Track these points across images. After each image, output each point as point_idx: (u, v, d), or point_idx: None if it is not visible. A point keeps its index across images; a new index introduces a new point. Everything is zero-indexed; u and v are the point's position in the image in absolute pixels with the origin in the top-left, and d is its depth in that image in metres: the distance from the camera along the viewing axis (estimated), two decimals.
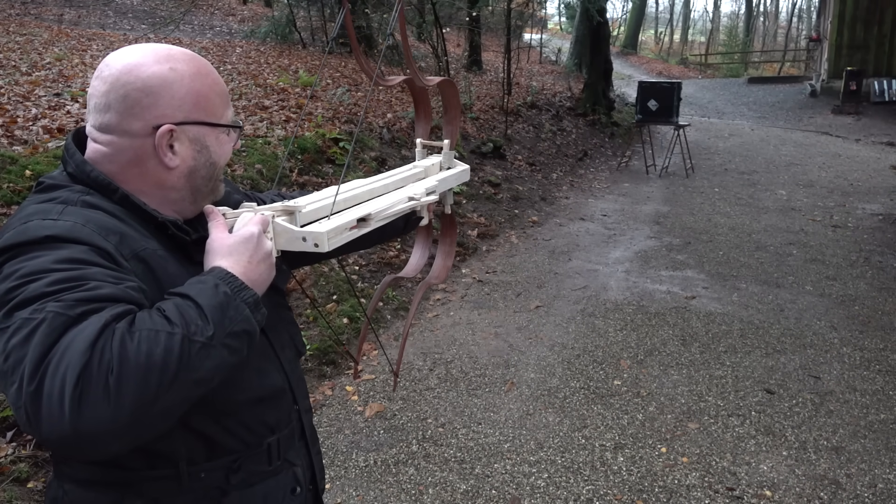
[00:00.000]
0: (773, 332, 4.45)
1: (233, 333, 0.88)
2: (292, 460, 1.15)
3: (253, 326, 0.91)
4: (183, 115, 1.00)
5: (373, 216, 1.12)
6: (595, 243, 6.55)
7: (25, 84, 5.98)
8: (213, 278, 0.91)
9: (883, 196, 8.67)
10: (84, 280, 0.84)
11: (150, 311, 0.85)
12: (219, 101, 1.06)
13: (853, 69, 16.03)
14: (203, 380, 0.85)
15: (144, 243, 0.96)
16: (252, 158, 5.38)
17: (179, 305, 0.86)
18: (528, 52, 20.96)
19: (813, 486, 2.90)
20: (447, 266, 1.53)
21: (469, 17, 12.77)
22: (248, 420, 1.05)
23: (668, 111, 10.05)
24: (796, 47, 35.10)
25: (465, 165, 1.46)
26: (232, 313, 0.89)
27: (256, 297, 0.94)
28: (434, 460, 3.07)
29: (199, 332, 0.84)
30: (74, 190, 0.99)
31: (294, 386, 1.16)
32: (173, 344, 0.81)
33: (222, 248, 0.97)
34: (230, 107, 1.09)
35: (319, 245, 1.01)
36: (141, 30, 12.56)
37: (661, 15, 50.09)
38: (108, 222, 0.94)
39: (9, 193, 3.64)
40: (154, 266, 0.95)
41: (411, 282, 5.17)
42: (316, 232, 1.02)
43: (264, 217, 1.02)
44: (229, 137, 1.09)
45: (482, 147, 8.90)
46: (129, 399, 0.77)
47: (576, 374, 3.88)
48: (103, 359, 0.77)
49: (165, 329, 0.82)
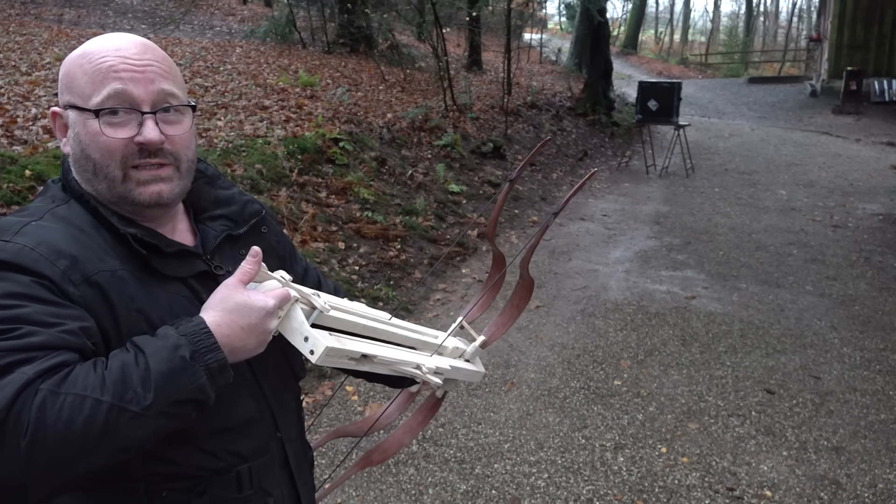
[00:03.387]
0: (774, 332, 4.45)
1: (177, 402, 0.83)
2: (269, 489, 1.08)
3: (205, 395, 0.86)
4: (63, 98, 0.97)
5: (376, 359, 1.05)
6: (595, 243, 6.55)
7: (25, 84, 5.98)
8: (178, 336, 0.85)
9: (883, 196, 8.67)
10: (17, 324, 0.80)
11: (89, 367, 0.81)
12: (86, 82, 0.94)
13: (853, 69, 16.02)
14: (131, 447, 0.81)
15: (101, 264, 0.91)
16: (252, 158, 5.38)
17: (125, 365, 0.81)
18: (528, 52, 20.95)
19: (813, 487, 2.89)
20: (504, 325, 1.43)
21: (469, 17, 12.76)
22: (212, 448, 1.00)
23: (669, 111, 10.04)
24: (796, 47, 35.11)
25: (483, 370, 1.37)
26: (183, 381, 0.83)
27: (223, 363, 0.87)
28: (434, 460, 3.07)
29: (134, 401, 0.79)
30: (56, 198, 0.98)
31: (276, 413, 1.09)
32: (98, 413, 0.77)
33: (226, 301, 0.90)
34: (107, 89, 0.94)
35: (314, 353, 0.93)
36: (141, 30, 12.56)
37: (661, 15, 50.11)
38: (62, 243, 0.89)
39: (9, 193, 3.64)
40: (108, 290, 0.90)
41: (411, 281, 5.17)
42: (319, 340, 0.94)
43: (287, 294, 0.94)
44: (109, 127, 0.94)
45: (482, 147, 8.89)
46: (41, 464, 0.75)
47: (576, 374, 3.88)
48: (19, 422, 0.74)
49: (94, 395, 0.77)
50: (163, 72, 0.98)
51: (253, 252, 0.94)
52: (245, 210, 1.14)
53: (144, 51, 0.98)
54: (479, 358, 1.35)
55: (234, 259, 1.06)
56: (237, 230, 1.11)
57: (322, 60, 11.42)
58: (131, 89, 0.94)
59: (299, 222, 5.03)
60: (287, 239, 1.26)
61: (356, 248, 5.21)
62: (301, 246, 4.77)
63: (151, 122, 0.95)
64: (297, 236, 4.86)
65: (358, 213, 5.72)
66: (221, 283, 0.95)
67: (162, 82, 0.97)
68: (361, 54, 12.52)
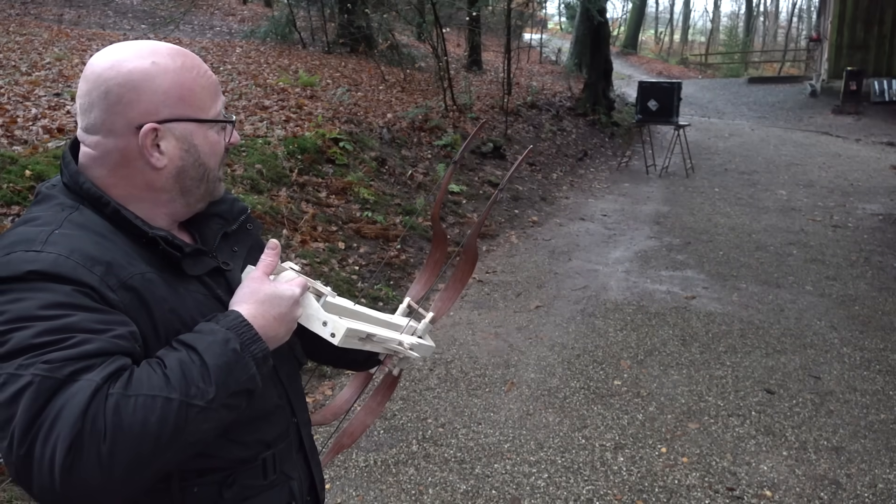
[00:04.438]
0: (774, 332, 4.45)
1: (235, 393, 0.87)
2: (289, 473, 1.12)
3: (256, 384, 0.90)
4: (168, 111, 0.96)
5: (375, 338, 1.12)
6: (595, 243, 6.55)
7: (25, 84, 5.98)
8: (225, 331, 0.89)
9: (883, 196, 8.67)
10: (70, 332, 0.81)
11: (149, 368, 0.83)
12: (205, 96, 1.01)
13: (853, 69, 16.01)
14: (199, 441, 0.85)
15: (131, 268, 0.92)
16: (252, 158, 5.39)
17: (183, 362, 0.84)
18: (528, 52, 20.95)
19: (813, 486, 2.90)
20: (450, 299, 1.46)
21: (469, 17, 12.76)
22: (242, 437, 1.03)
23: (668, 111, 10.04)
24: (796, 47, 35.11)
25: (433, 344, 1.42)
26: (238, 373, 0.87)
27: (266, 352, 0.92)
28: (434, 460, 3.07)
29: (199, 396, 0.82)
30: (65, 205, 0.96)
31: (292, 399, 1.14)
32: (170, 411, 0.80)
33: (257, 293, 0.95)
34: (220, 101, 1.04)
35: (336, 336, 1.01)
36: (141, 30, 12.56)
37: (661, 15, 50.11)
38: (93, 250, 0.90)
39: (9, 193, 3.64)
40: (143, 293, 0.92)
41: (411, 281, 5.17)
42: (339, 323, 1.01)
43: (306, 282, 1.01)
44: (220, 135, 1.04)
45: (482, 147, 8.90)
46: (121, 466, 0.77)
47: (576, 374, 3.88)
48: (95, 427, 0.76)
49: (162, 394, 0.80)
50: None
51: (272, 245, 1.01)
52: (234, 208, 1.17)
53: None
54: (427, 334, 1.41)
55: (231, 255, 1.11)
56: (229, 227, 1.15)
57: (322, 60, 11.42)
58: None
59: (299, 222, 5.03)
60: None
61: (356, 248, 5.21)
62: (301, 246, 4.77)
63: (233, 129, 1.08)
64: (297, 236, 4.86)
65: (358, 213, 5.72)
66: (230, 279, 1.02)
67: None
68: (361, 54, 12.52)
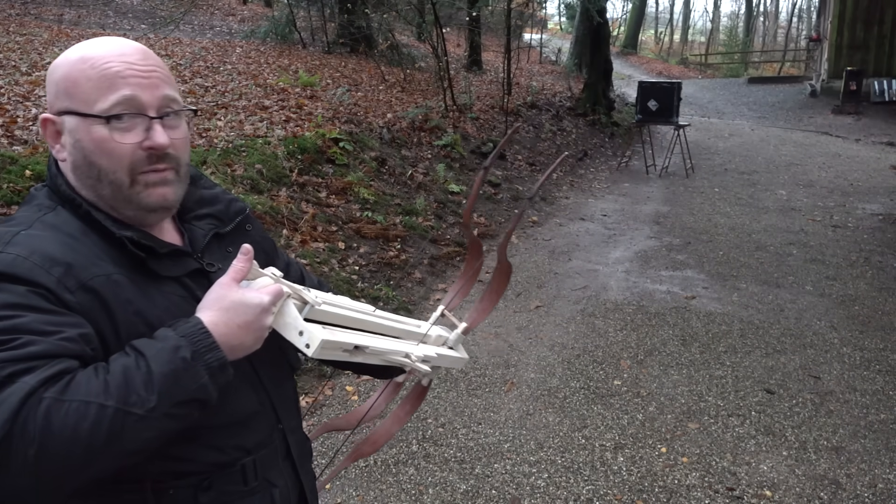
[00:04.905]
0: (773, 332, 4.45)
1: (181, 403, 0.84)
2: (273, 480, 1.09)
3: (207, 395, 0.86)
4: (59, 104, 0.96)
5: (368, 350, 1.06)
6: (595, 243, 6.55)
7: (25, 84, 5.98)
8: (178, 338, 0.86)
9: (883, 196, 8.67)
10: (17, 333, 0.80)
11: (92, 372, 0.81)
12: (90, 88, 0.93)
13: (853, 69, 16.02)
14: (142, 449, 0.82)
15: (96, 269, 0.91)
16: (252, 158, 5.39)
17: (127, 368, 0.82)
18: (528, 52, 20.95)
19: (813, 486, 2.90)
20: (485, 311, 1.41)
21: (469, 17, 12.76)
22: (217, 442, 1.01)
23: (668, 111, 10.04)
24: (796, 47, 35.10)
25: (466, 356, 1.37)
26: (185, 383, 0.84)
27: (223, 361, 0.88)
28: (434, 460, 3.07)
29: (138, 404, 0.80)
30: (42, 206, 0.97)
31: (277, 405, 1.11)
32: (103, 417, 0.78)
33: (222, 300, 0.91)
34: (113, 96, 0.94)
35: (310, 347, 0.93)
36: (141, 30, 12.56)
37: (661, 15, 50.10)
38: (55, 251, 0.89)
39: (9, 193, 3.64)
40: (105, 294, 0.90)
41: (411, 281, 5.17)
42: (315, 333, 0.94)
43: (281, 290, 0.95)
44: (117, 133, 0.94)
45: (482, 147, 8.90)
46: (49, 471, 0.76)
47: (576, 374, 3.88)
48: (25, 431, 0.75)
49: (98, 400, 0.78)
50: (165, 77, 0.99)
51: (244, 250, 0.95)
52: (230, 208, 1.15)
53: (147, 56, 0.99)
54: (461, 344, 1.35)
55: (223, 257, 1.08)
56: (223, 228, 1.12)
57: (322, 60, 11.42)
58: (139, 95, 0.95)
59: (299, 222, 5.03)
60: (267, 236, 1.29)
61: (356, 248, 5.21)
62: (301, 246, 4.77)
63: (160, 127, 0.97)
64: (297, 236, 4.86)
65: (358, 213, 5.72)
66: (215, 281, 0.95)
67: (165, 88, 0.98)
68: (361, 54, 12.53)
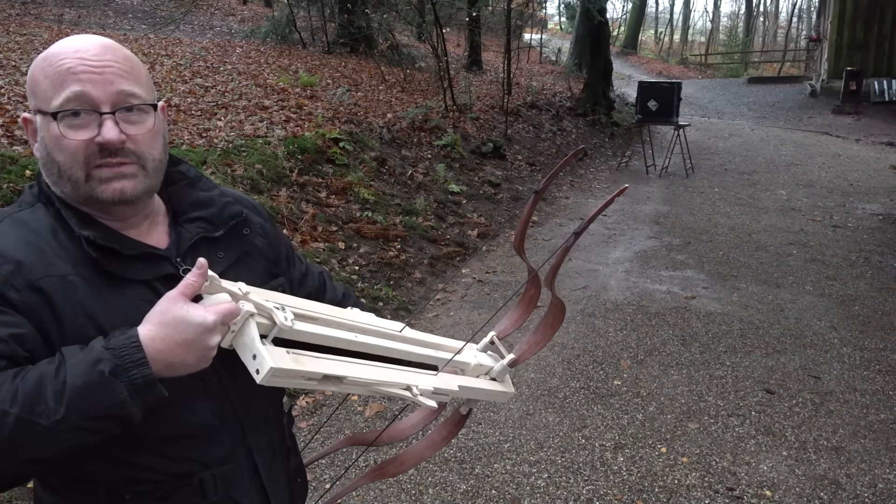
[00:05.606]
0: (773, 332, 4.45)
1: (94, 418, 0.81)
2: (237, 498, 1.06)
3: (126, 412, 0.82)
4: (31, 102, 0.97)
5: (347, 381, 0.95)
6: (595, 243, 6.55)
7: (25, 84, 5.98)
8: (102, 350, 0.83)
9: (883, 196, 8.67)
10: None
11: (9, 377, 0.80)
12: (47, 86, 0.94)
13: (853, 69, 16.02)
14: (46, 460, 0.80)
15: (51, 269, 0.90)
16: (252, 158, 5.39)
17: (43, 377, 0.80)
18: (528, 52, 20.95)
19: (813, 486, 2.90)
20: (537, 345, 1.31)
21: (469, 17, 12.77)
22: (169, 453, 0.98)
23: (668, 111, 10.05)
24: (796, 47, 35.11)
25: (512, 390, 1.26)
26: (99, 398, 0.80)
27: (149, 378, 0.83)
28: (434, 460, 3.07)
29: (44, 415, 0.78)
30: (23, 202, 0.99)
31: (244, 421, 1.06)
32: (4, 424, 0.76)
33: (164, 314, 0.86)
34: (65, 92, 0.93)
35: (259, 373, 0.86)
36: (141, 30, 12.56)
37: (661, 15, 50.10)
38: (9, 248, 0.90)
39: (9, 193, 3.64)
40: (53, 296, 0.89)
41: (411, 281, 5.17)
42: (265, 360, 0.85)
43: (234, 310, 0.87)
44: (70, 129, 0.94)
45: (482, 147, 8.90)
46: None
47: (576, 374, 3.88)
48: None
49: (2, 406, 0.77)
50: (122, 72, 0.97)
51: (198, 264, 0.89)
52: (224, 212, 1.11)
53: (104, 51, 0.96)
54: (508, 377, 1.25)
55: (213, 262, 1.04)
56: (214, 232, 1.08)
57: (322, 60, 11.42)
58: (90, 90, 0.93)
59: (299, 222, 5.03)
60: (284, 241, 1.24)
61: (356, 248, 5.21)
62: (301, 246, 4.77)
63: (110, 123, 0.94)
64: (297, 236, 4.86)
65: (358, 213, 5.72)
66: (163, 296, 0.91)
67: (121, 83, 0.96)
68: (361, 54, 12.53)
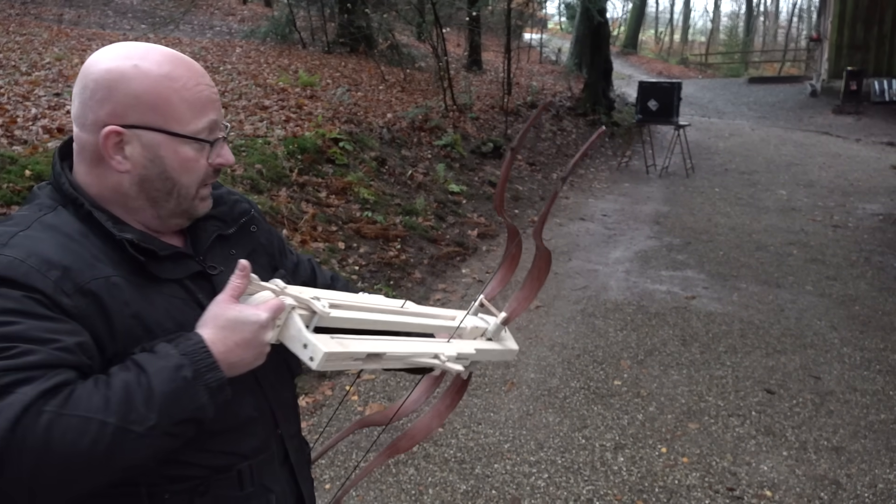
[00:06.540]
0: (774, 332, 4.45)
1: (180, 422, 0.84)
2: (269, 486, 1.09)
3: (205, 415, 0.87)
4: (136, 117, 0.94)
5: (386, 357, 1.02)
6: (595, 243, 6.54)
7: (25, 84, 5.98)
8: (180, 356, 0.85)
9: (883, 196, 8.67)
10: (14, 342, 0.79)
11: (92, 386, 0.81)
12: (185, 109, 0.96)
13: (853, 69, 16.03)
14: (135, 466, 0.82)
15: (95, 272, 0.90)
16: (252, 158, 5.39)
17: (129, 384, 0.81)
18: (528, 52, 20.96)
19: (813, 487, 2.89)
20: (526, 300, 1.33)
21: (469, 17, 12.76)
22: (214, 448, 1.00)
23: (669, 111, 10.04)
24: (796, 47, 35.12)
25: (515, 346, 1.31)
26: (185, 402, 0.84)
27: (223, 381, 0.88)
28: (434, 460, 3.07)
29: (138, 422, 0.80)
30: (43, 206, 0.96)
31: (276, 410, 1.10)
32: (104, 435, 0.78)
33: (218, 317, 0.90)
34: (206, 118, 0.98)
35: (314, 360, 0.91)
36: (141, 30, 12.56)
37: (661, 15, 50.13)
38: (53, 253, 0.88)
39: (8, 193, 3.64)
40: (103, 298, 0.89)
41: (411, 281, 5.17)
42: (318, 346, 0.91)
43: (282, 304, 0.93)
44: (200, 153, 0.99)
45: (482, 147, 8.90)
46: (46, 484, 0.76)
47: (576, 374, 3.88)
48: (24, 443, 0.74)
49: (98, 416, 0.78)
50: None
51: (241, 266, 0.93)
52: (234, 210, 1.14)
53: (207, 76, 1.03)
54: (509, 334, 1.30)
55: (226, 258, 1.07)
56: (227, 230, 1.11)
57: (322, 60, 11.42)
58: (219, 120, 1.02)
59: (299, 222, 5.03)
60: (276, 234, 1.27)
61: (356, 248, 5.21)
62: (301, 246, 4.77)
63: (227, 147, 1.04)
64: (297, 236, 4.86)
65: (358, 213, 5.72)
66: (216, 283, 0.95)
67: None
68: (361, 54, 12.52)
